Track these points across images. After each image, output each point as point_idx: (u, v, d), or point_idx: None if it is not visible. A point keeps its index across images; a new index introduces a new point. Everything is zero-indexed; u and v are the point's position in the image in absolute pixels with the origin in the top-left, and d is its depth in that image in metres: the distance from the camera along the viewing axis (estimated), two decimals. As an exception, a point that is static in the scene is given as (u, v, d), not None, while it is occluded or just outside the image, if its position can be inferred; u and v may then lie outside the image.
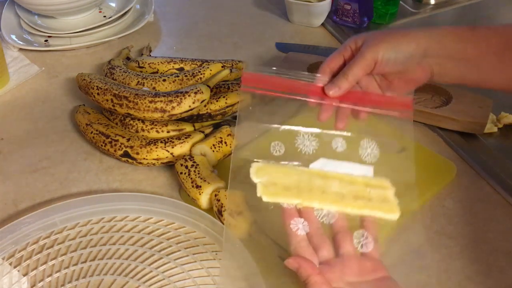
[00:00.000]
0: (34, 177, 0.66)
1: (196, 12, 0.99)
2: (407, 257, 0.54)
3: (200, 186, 0.58)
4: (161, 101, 0.64)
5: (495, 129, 0.69)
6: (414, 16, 0.94)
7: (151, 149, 0.63)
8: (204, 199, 0.58)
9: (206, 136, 0.66)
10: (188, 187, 0.59)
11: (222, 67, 0.74)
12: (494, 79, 0.50)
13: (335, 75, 0.51)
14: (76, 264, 0.54)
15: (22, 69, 0.84)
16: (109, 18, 0.90)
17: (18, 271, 0.53)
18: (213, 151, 0.63)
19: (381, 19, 0.91)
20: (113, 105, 0.66)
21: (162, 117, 0.65)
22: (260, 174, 0.49)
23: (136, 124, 0.67)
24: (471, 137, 0.67)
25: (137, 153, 0.63)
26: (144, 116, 0.65)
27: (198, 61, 0.77)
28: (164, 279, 0.52)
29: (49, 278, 0.53)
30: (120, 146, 0.64)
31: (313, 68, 0.77)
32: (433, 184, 0.60)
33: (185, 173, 0.60)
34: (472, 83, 0.51)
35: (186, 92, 0.65)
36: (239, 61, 0.78)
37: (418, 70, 0.50)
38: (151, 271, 0.53)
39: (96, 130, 0.67)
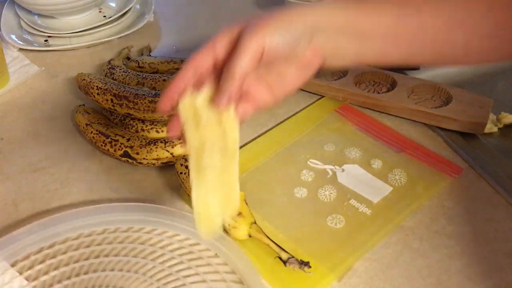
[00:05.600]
0: (34, 177, 0.66)
1: (196, 12, 0.99)
2: (406, 257, 0.54)
3: (200, 186, 0.58)
4: (161, 101, 0.64)
5: (495, 129, 0.69)
6: (414, 16, 0.93)
7: (151, 149, 0.63)
8: (204, 199, 0.58)
9: (206, 136, 0.66)
10: (188, 187, 0.59)
11: (222, 67, 0.74)
12: (391, 54, 0.45)
13: (201, 79, 0.44)
14: (78, 275, 0.53)
15: (22, 69, 0.84)
16: (109, 18, 0.90)
17: (26, 279, 0.52)
18: (213, 151, 0.63)
19: (381, 19, 0.91)
20: (113, 105, 0.66)
21: (162, 117, 0.65)
22: None
23: (136, 124, 0.67)
24: (471, 137, 0.67)
25: (137, 153, 0.63)
26: (144, 116, 0.65)
27: (198, 61, 0.77)
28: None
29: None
30: (120, 146, 0.64)
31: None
32: (432, 184, 0.60)
33: (185, 173, 0.60)
34: (369, 61, 0.47)
35: (186, 92, 0.65)
36: (239, 61, 0.78)
37: (309, 52, 0.44)
38: (151, 284, 0.52)
39: (96, 130, 0.67)
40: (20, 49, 0.88)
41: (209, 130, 0.44)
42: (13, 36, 0.89)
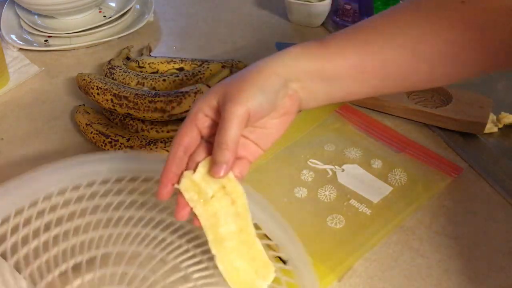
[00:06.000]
0: (34, 177, 0.66)
1: (196, 12, 0.99)
2: (406, 257, 0.54)
3: (200, 186, 0.58)
4: (161, 101, 0.64)
5: (495, 129, 0.69)
6: (414, 16, 0.93)
7: (151, 149, 0.63)
8: (204, 199, 0.58)
9: (206, 136, 0.66)
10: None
11: (222, 67, 0.74)
12: (359, 91, 0.47)
13: (192, 155, 0.45)
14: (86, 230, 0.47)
15: (22, 69, 0.84)
16: (109, 18, 0.90)
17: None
18: (213, 151, 0.63)
19: (381, 19, 0.91)
20: (113, 105, 0.66)
21: (162, 117, 0.65)
22: None
23: (136, 124, 0.67)
24: (471, 137, 0.67)
25: (137, 153, 0.63)
26: (144, 116, 0.65)
27: (198, 61, 0.77)
28: (181, 244, 0.49)
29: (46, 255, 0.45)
30: (120, 146, 0.64)
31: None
32: (432, 184, 0.60)
33: (185, 173, 0.60)
34: (340, 98, 0.48)
35: (186, 92, 0.65)
36: (239, 61, 0.78)
37: (287, 100, 0.45)
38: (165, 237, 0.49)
39: (96, 130, 0.67)
40: (20, 49, 0.88)
41: (217, 202, 0.44)
42: (13, 36, 0.89)
